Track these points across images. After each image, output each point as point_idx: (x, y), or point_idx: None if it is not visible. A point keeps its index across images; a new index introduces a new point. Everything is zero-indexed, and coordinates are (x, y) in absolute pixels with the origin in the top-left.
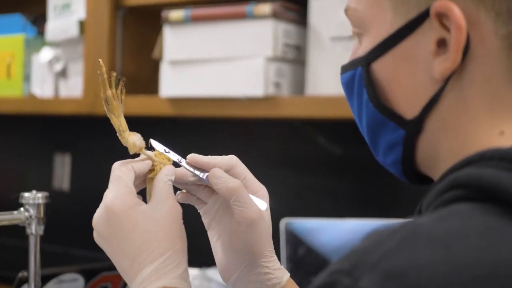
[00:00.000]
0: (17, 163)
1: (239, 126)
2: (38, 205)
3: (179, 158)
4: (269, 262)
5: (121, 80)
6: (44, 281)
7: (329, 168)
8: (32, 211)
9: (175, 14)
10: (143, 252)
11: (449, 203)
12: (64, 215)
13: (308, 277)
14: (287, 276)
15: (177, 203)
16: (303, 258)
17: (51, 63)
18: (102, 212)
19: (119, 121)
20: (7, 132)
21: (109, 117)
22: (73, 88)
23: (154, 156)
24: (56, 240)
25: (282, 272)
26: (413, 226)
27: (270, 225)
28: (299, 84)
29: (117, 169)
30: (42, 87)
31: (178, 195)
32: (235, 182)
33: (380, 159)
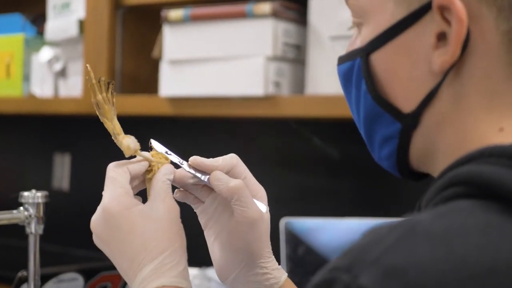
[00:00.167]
0: (16, 163)
1: (239, 126)
2: (38, 204)
3: (180, 160)
4: (268, 262)
5: (111, 83)
6: (43, 281)
7: (328, 168)
8: (31, 211)
9: (175, 13)
10: (141, 252)
11: (449, 200)
12: (63, 214)
13: (307, 276)
14: (285, 276)
15: (175, 202)
16: (303, 258)
17: (50, 62)
18: (99, 214)
19: (112, 124)
20: (7, 132)
21: (102, 121)
22: (73, 87)
23: (151, 156)
24: (55, 240)
25: (280, 272)
26: (412, 223)
27: (269, 225)
28: (299, 83)
29: (112, 170)
30: (42, 87)
31: (176, 193)
32: (237, 181)
33: (375, 153)
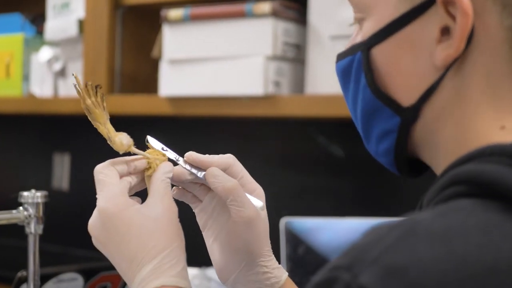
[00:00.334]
0: (16, 163)
1: (238, 125)
2: (37, 204)
3: (176, 157)
4: (268, 261)
5: (98, 87)
6: (43, 281)
7: (328, 167)
8: (31, 210)
9: (175, 13)
10: (140, 252)
11: (450, 199)
12: (63, 214)
13: (307, 276)
14: (285, 275)
15: (174, 202)
16: (303, 257)
17: (50, 62)
18: (96, 217)
19: (106, 128)
20: (6, 131)
21: (95, 126)
22: (73, 87)
23: (147, 153)
24: (55, 240)
25: (281, 271)
26: (413, 222)
27: (268, 224)
28: (298, 83)
29: (100, 173)
30: (41, 87)
31: (174, 191)
32: (232, 181)
33: (372, 148)
